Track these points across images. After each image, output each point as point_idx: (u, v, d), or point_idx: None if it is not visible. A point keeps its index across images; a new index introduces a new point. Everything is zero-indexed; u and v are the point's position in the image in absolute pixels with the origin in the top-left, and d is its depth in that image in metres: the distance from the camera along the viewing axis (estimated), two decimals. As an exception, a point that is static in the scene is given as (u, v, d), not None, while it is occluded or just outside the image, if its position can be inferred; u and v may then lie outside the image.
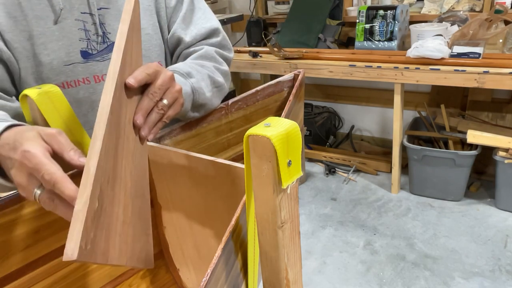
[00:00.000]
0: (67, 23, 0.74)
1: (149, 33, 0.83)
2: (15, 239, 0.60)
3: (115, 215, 0.48)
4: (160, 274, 0.81)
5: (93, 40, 0.77)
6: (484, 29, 2.09)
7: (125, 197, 0.51)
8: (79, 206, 0.40)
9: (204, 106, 0.79)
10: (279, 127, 0.41)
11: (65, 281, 0.67)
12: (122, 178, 0.50)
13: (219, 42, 0.89)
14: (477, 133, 2.09)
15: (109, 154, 0.46)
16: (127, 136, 0.52)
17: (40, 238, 0.63)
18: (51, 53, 0.73)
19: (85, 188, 0.41)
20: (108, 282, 0.74)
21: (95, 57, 0.77)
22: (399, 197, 2.45)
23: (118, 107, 0.49)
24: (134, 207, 0.53)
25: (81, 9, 0.75)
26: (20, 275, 0.62)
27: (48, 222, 0.63)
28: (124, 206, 0.50)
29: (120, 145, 0.50)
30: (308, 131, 3.01)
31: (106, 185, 0.45)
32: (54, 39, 0.73)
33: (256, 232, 0.49)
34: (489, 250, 1.97)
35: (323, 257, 2.02)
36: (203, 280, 0.44)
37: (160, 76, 0.57)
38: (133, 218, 0.53)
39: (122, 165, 0.50)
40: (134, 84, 0.52)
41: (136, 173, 0.54)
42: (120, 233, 0.49)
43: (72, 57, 0.75)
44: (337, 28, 2.72)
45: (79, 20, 0.75)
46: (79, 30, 0.75)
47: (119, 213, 0.49)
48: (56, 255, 0.65)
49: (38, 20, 0.71)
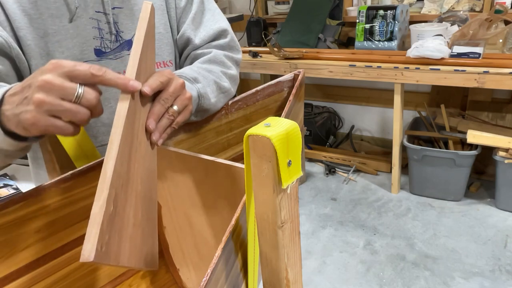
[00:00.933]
0: (81, 21, 0.75)
1: (161, 32, 0.84)
2: (15, 239, 0.60)
3: (127, 218, 0.48)
4: (160, 274, 0.81)
5: (107, 39, 0.78)
6: (484, 29, 2.09)
7: (136, 200, 0.51)
8: (96, 209, 0.42)
9: (207, 111, 0.79)
10: (279, 127, 0.41)
11: (65, 281, 0.67)
12: (134, 182, 0.51)
13: (227, 43, 0.89)
14: (477, 133, 2.09)
15: (124, 158, 0.47)
16: (140, 141, 0.53)
17: (41, 238, 0.63)
18: (66, 51, 0.74)
19: (101, 191, 0.43)
20: (108, 282, 0.74)
21: (108, 55, 0.78)
22: (399, 197, 2.45)
23: (132, 113, 0.50)
24: (143, 210, 0.54)
25: (96, 7, 0.76)
26: (20, 275, 0.62)
27: (49, 222, 0.63)
28: (135, 209, 0.51)
29: (134, 150, 0.51)
30: (308, 131, 3.01)
31: (120, 189, 0.46)
32: (68, 37, 0.74)
33: (256, 232, 0.49)
34: (489, 250, 1.97)
35: (323, 257, 2.02)
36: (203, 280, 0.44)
37: (172, 84, 0.58)
38: (142, 220, 0.54)
39: (134, 169, 0.51)
40: (149, 92, 0.54)
41: (146, 176, 0.55)
42: (131, 235, 0.49)
43: (86, 55, 0.76)
44: (337, 28, 2.73)
45: (93, 18, 0.76)
46: (93, 28, 0.76)
47: (130, 216, 0.49)
48: (56, 255, 0.65)
49: (53, 18, 0.72)
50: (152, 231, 0.58)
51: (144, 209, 0.55)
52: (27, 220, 0.61)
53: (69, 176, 0.63)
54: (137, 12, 0.80)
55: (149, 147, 0.57)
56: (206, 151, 0.83)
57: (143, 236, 0.54)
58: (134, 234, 0.51)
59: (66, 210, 0.64)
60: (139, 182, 0.52)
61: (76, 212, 0.65)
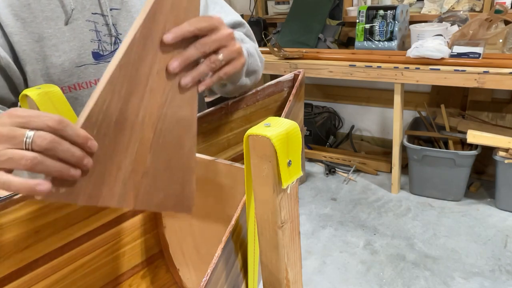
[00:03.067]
0: (78, 24, 0.73)
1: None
2: (15, 239, 0.60)
3: (116, 164, 0.51)
4: (160, 274, 0.81)
5: (104, 41, 0.76)
6: (484, 29, 2.09)
7: (140, 148, 0.53)
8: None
9: (255, 74, 0.76)
10: (279, 127, 0.41)
11: (65, 281, 0.67)
12: (135, 130, 0.52)
13: (245, 33, 0.86)
14: (477, 133, 2.09)
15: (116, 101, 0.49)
16: (152, 88, 0.52)
17: (40, 238, 0.63)
18: (63, 55, 0.72)
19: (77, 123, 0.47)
20: (108, 282, 0.74)
21: (106, 58, 0.77)
22: (399, 197, 2.45)
23: (136, 60, 0.49)
24: (159, 158, 0.55)
25: (92, 9, 0.74)
26: (20, 275, 0.61)
27: (48, 222, 0.63)
28: (136, 156, 0.53)
29: (136, 98, 0.51)
30: (308, 131, 3.01)
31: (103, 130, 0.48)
32: (65, 40, 0.72)
33: (256, 232, 0.49)
34: (489, 250, 1.97)
35: (323, 257, 2.02)
36: (203, 280, 0.44)
37: (218, 32, 0.53)
38: (158, 168, 0.55)
39: (138, 117, 0.51)
40: (170, 40, 0.49)
41: (168, 125, 0.55)
42: (126, 180, 0.52)
43: (84, 59, 0.74)
44: (337, 28, 2.72)
45: (90, 21, 0.74)
46: (91, 31, 0.74)
47: (123, 162, 0.52)
48: (56, 255, 0.65)
49: (48, 21, 0.70)
50: (178, 178, 0.58)
51: (162, 158, 0.55)
52: (26, 220, 0.60)
53: (69, 176, 0.63)
54: (135, 14, 0.78)
55: (177, 94, 0.55)
56: (206, 151, 0.83)
57: (156, 183, 0.56)
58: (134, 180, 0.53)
59: (66, 210, 0.64)
60: (148, 131, 0.53)
61: (76, 212, 0.65)
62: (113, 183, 0.51)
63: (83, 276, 0.70)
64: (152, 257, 0.80)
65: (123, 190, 0.53)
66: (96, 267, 0.72)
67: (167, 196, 0.58)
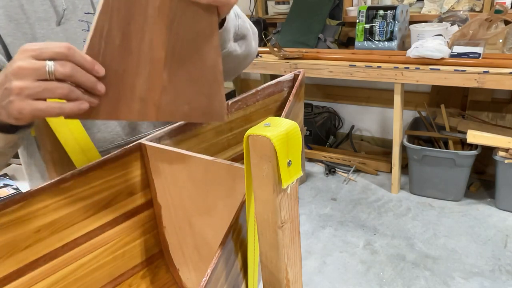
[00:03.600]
0: (70, 24, 0.73)
1: None
2: (15, 239, 0.60)
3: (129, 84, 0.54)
4: (160, 274, 0.81)
5: None
6: (484, 29, 2.09)
7: (152, 68, 0.55)
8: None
9: (244, 40, 0.76)
10: (279, 127, 0.41)
11: (65, 281, 0.67)
12: (143, 51, 0.54)
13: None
14: (477, 133, 2.09)
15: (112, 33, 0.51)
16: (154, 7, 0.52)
17: (40, 238, 0.63)
18: None
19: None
20: (108, 282, 0.74)
21: None
22: (399, 197, 2.45)
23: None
24: (176, 74, 0.57)
25: (85, 9, 0.74)
26: (20, 275, 0.61)
27: (48, 222, 0.63)
28: (150, 76, 0.55)
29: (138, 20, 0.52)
30: (308, 131, 3.01)
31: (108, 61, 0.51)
32: (57, 41, 0.71)
33: (256, 232, 0.49)
34: (489, 250, 1.97)
35: (323, 257, 2.02)
36: (203, 280, 0.44)
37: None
38: (178, 83, 0.57)
39: (144, 39, 0.53)
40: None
41: (182, 41, 0.55)
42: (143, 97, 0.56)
43: None
44: (337, 28, 2.73)
45: (83, 20, 0.74)
46: (83, 31, 0.74)
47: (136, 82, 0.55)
48: (56, 255, 0.65)
49: (41, 21, 0.70)
50: (207, 90, 0.60)
51: (181, 73, 0.57)
52: (27, 220, 0.60)
53: (69, 176, 0.63)
54: None
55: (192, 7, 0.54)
56: (206, 151, 0.83)
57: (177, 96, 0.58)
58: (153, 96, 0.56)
59: (66, 210, 0.64)
60: (159, 50, 0.54)
61: (76, 212, 0.65)
62: (129, 100, 0.55)
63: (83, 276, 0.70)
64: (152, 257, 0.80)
65: (142, 106, 0.56)
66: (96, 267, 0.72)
67: (193, 109, 0.60)
